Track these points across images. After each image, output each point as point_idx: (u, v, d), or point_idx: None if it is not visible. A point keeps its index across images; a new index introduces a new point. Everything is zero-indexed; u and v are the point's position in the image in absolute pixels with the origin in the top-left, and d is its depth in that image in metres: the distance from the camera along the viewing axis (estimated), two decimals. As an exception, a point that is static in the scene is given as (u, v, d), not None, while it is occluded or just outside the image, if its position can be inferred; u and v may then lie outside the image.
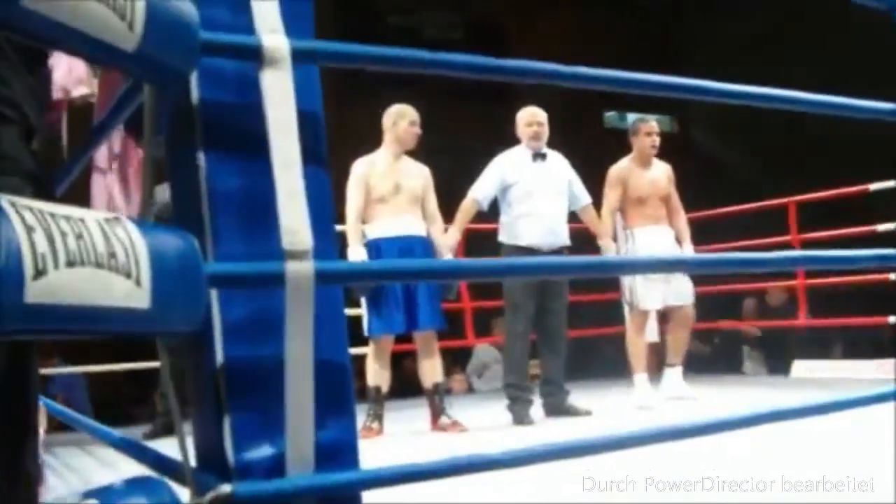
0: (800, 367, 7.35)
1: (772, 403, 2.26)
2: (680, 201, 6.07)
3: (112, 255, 1.22)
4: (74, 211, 1.21)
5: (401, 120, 5.14)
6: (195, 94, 1.64)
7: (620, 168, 5.95)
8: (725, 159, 11.43)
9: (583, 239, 5.90)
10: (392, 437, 4.91)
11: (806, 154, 9.08)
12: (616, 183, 5.88)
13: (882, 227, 6.39)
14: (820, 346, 8.21)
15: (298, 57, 1.63)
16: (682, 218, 6.06)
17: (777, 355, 8.16)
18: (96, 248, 1.20)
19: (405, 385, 7.12)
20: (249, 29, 1.62)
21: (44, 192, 1.61)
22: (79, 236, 1.18)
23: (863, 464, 2.98)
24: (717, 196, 7.22)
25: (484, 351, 8.44)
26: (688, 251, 5.87)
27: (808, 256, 2.54)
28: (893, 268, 5.68)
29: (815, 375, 7.04)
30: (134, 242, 1.28)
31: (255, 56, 1.59)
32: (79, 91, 3.96)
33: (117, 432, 2.51)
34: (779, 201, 7.38)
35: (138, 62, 1.41)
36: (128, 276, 1.24)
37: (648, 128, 5.97)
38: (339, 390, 1.64)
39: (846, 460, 3.12)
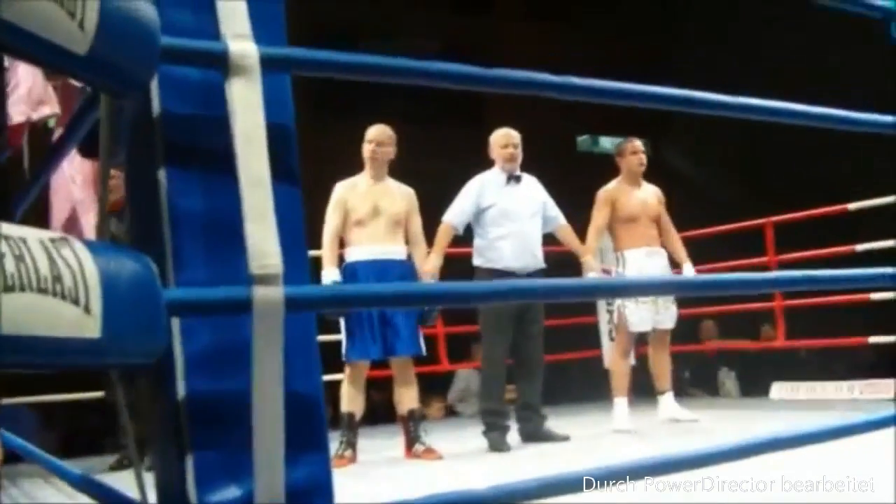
0: (778, 389, 7.28)
1: (760, 428, 2.18)
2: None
3: (57, 279, 1.09)
4: (14, 230, 1.08)
5: (364, 142, 5.06)
6: (156, 105, 1.51)
7: (609, 189, 5.88)
8: (700, 181, 11.39)
9: (559, 262, 5.81)
10: (366, 467, 4.76)
11: (782, 175, 9.04)
12: (604, 203, 5.81)
13: (861, 247, 6.33)
14: (797, 367, 8.14)
15: (268, 64, 1.51)
16: (677, 238, 6.00)
17: (754, 377, 8.10)
18: (39, 272, 1.07)
19: (372, 412, 6.99)
20: (215, 34, 1.50)
21: None
22: (19, 258, 1.05)
23: (863, 464, 2.90)
24: (692, 218, 7.14)
25: (466, 376, 8.32)
26: (688, 272, 5.78)
27: (803, 277, 2.44)
28: (877, 287, 5.61)
29: (795, 397, 6.97)
30: (83, 265, 1.15)
31: (220, 63, 1.47)
32: (40, 113, 3.81)
33: (84, 463, 2.38)
34: (756, 222, 7.32)
35: (91, 67, 1.28)
36: (75, 302, 1.11)
37: (633, 147, 5.92)
38: (311, 425, 1.52)
39: (846, 460, 3.03)
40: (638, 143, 5.96)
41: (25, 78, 3.88)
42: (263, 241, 1.41)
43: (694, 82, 2.27)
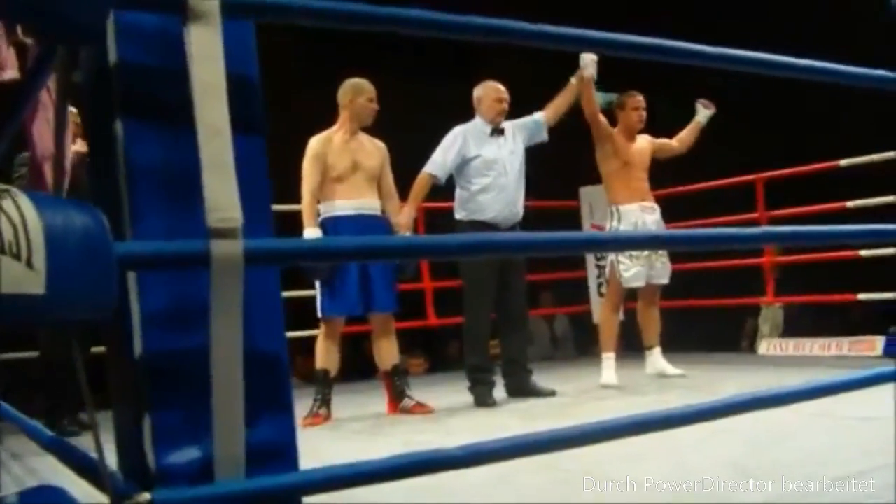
0: (766, 345, 7.27)
1: (752, 384, 2.16)
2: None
3: (-4, 233, 1.05)
4: (-53, 181, 1.03)
5: (358, 96, 4.94)
6: (112, 53, 1.46)
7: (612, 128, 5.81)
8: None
9: (538, 217, 5.77)
10: (345, 424, 4.72)
11: (773, 130, 8.96)
12: (606, 124, 5.74)
13: (852, 204, 6.29)
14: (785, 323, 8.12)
15: (229, 10, 1.45)
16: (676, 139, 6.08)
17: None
18: (-26, 226, 1.02)
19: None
20: (172, -21, 1.44)
21: None
22: (-48, 211, 1.00)
23: (861, 458, 2.87)
24: (683, 173, 7.07)
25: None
26: None
27: (798, 232, 2.43)
28: (867, 244, 5.59)
29: (782, 353, 6.97)
30: (26, 218, 1.10)
31: (179, 9, 1.42)
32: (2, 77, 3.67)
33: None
34: (746, 178, 7.26)
35: (36, 13, 1.22)
36: (16, 257, 1.07)
37: (635, 102, 5.82)
38: (274, 384, 1.48)
39: (846, 457, 3.01)
40: (640, 99, 5.85)
41: None
42: (222, 194, 1.36)
43: (691, 34, 2.22)
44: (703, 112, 6.01)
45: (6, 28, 3.34)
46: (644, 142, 5.92)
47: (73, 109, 3.80)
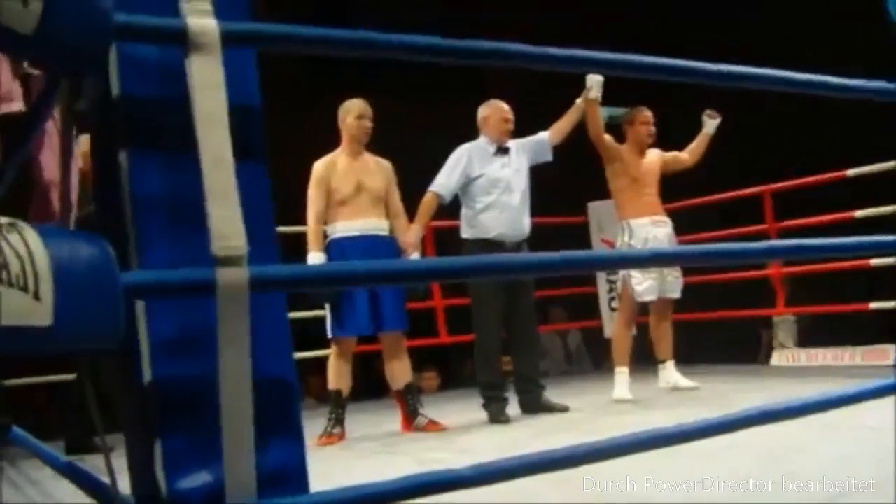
0: (778, 356, 7.26)
1: (766, 397, 2.16)
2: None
3: (3, 266, 1.06)
4: (-44, 217, 1.05)
5: (347, 116, 4.97)
6: (115, 85, 1.48)
7: (619, 145, 5.83)
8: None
9: (546, 233, 5.78)
10: (360, 443, 4.73)
11: (780, 141, 8.97)
12: (612, 143, 5.76)
13: (860, 213, 6.28)
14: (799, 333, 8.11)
15: (230, 41, 1.47)
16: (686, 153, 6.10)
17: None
18: (-19, 260, 1.04)
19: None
20: (174, 10, 1.46)
21: None
22: (-40, 246, 1.02)
23: (863, 464, 2.87)
24: (691, 187, 7.08)
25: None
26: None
27: (808, 245, 2.44)
28: (877, 254, 5.58)
29: (795, 364, 6.95)
30: (33, 251, 1.12)
31: (180, 40, 1.44)
32: (5, 109, 3.66)
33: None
34: (754, 190, 7.25)
35: (40, 47, 1.24)
36: (23, 290, 1.08)
37: (644, 117, 5.83)
38: (283, 408, 1.49)
39: (846, 460, 3.00)
40: (648, 114, 5.86)
41: None
42: (226, 222, 1.38)
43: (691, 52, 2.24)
44: (710, 123, 6.03)
45: (12, 60, 3.36)
46: (654, 156, 5.93)
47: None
